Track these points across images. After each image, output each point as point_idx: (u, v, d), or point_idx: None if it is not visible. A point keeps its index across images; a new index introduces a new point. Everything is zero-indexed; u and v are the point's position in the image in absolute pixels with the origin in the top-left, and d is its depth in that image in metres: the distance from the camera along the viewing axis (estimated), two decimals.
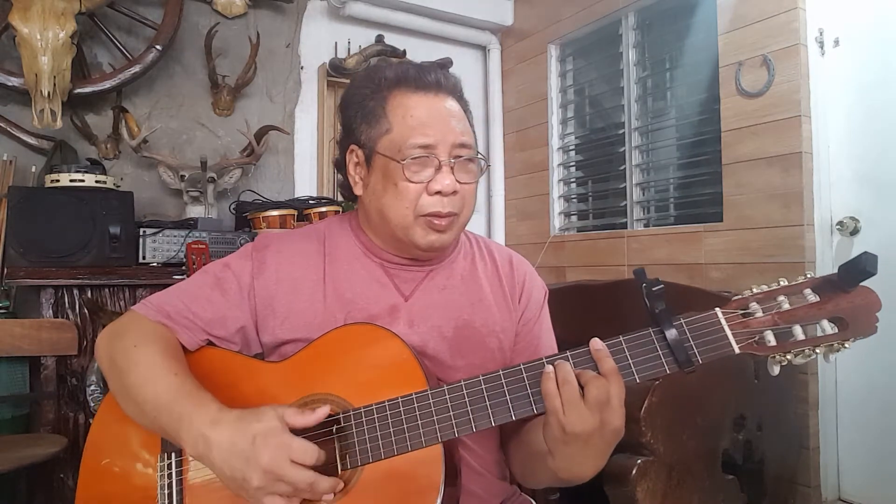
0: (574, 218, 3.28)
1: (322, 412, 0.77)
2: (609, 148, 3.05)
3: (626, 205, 2.92)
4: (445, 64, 3.10)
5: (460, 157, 0.91)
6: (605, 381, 0.74)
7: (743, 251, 2.34)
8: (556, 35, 3.25)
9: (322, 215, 2.63)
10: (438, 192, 0.89)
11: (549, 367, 0.77)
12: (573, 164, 3.28)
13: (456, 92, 0.96)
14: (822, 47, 2.23)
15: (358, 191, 0.97)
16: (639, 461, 1.56)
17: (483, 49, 3.64)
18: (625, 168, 2.92)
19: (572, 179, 3.28)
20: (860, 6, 2.16)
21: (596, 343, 0.77)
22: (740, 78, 2.35)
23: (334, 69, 3.07)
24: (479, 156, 0.95)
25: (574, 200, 3.30)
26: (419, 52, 3.30)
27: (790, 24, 2.20)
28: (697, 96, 2.61)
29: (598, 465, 0.79)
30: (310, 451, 0.74)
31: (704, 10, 2.56)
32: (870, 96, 2.14)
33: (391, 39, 3.25)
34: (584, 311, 2.39)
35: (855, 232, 2.15)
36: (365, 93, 0.94)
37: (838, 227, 2.18)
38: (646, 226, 2.87)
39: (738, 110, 2.36)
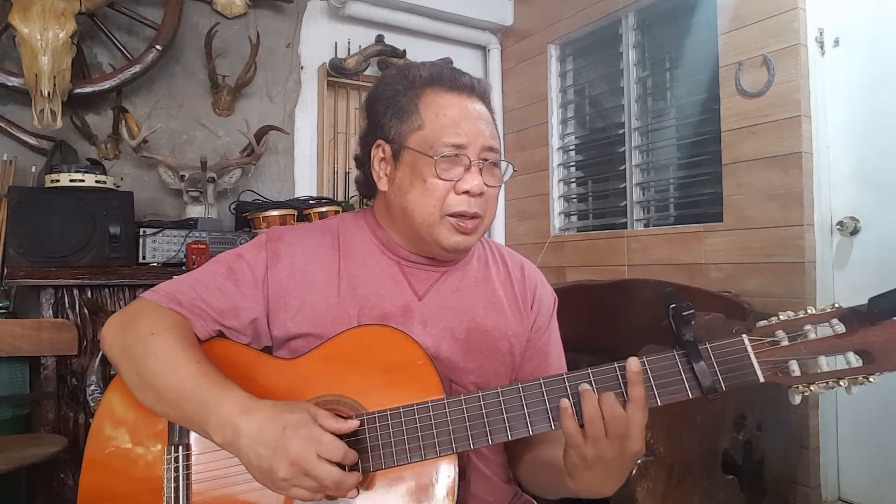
0: (574, 218, 3.28)
1: (353, 423, 0.77)
2: (609, 148, 3.05)
3: (626, 205, 2.91)
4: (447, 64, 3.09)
5: (487, 159, 0.92)
6: (627, 418, 0.73)
7: (743, 251, 2.34)
8: (556, 35, 3.25)
9: (322, 215, 2.63)
10: (466, 192, 0.89)
11: (566, 403, 0.74)
12: (573, 164, 3.28)
13: (486, 97, 0.97)
14: (822, 47, 2.23)
15: (382, 186, 0.96)
16: (639, 461, 1.57)
17: (483, 49, 3.64)
18: (625, 168, 2.92)
19: (572, 179, 3.28)
20: (860, 6, 2.16)
21: (634, 365, 0.74)
22: (740, 78, 2.35)
23: (334, 69, 3.07)
24: (504, 160, 0.96)
25: (574, 200, 3.30)
26: (419, 52, 3.30)
27: (790, 24, 2.20)
28: (697, 96, 2.60)
29: (619, 484, 0.79)
30: (337, 447, 0.74)
31: (704, 10, 2.55)
32: (870, 96, 2.14)
33: (391, 39, 3.25)
34: (584, 311, 2.39)
35: (855, 232, 2.15)
36: (397, 88, 0.95)
37: (838, 227, 2.18)
38: (646, 226, 2.87)
39: (738, 110, 2.36)
